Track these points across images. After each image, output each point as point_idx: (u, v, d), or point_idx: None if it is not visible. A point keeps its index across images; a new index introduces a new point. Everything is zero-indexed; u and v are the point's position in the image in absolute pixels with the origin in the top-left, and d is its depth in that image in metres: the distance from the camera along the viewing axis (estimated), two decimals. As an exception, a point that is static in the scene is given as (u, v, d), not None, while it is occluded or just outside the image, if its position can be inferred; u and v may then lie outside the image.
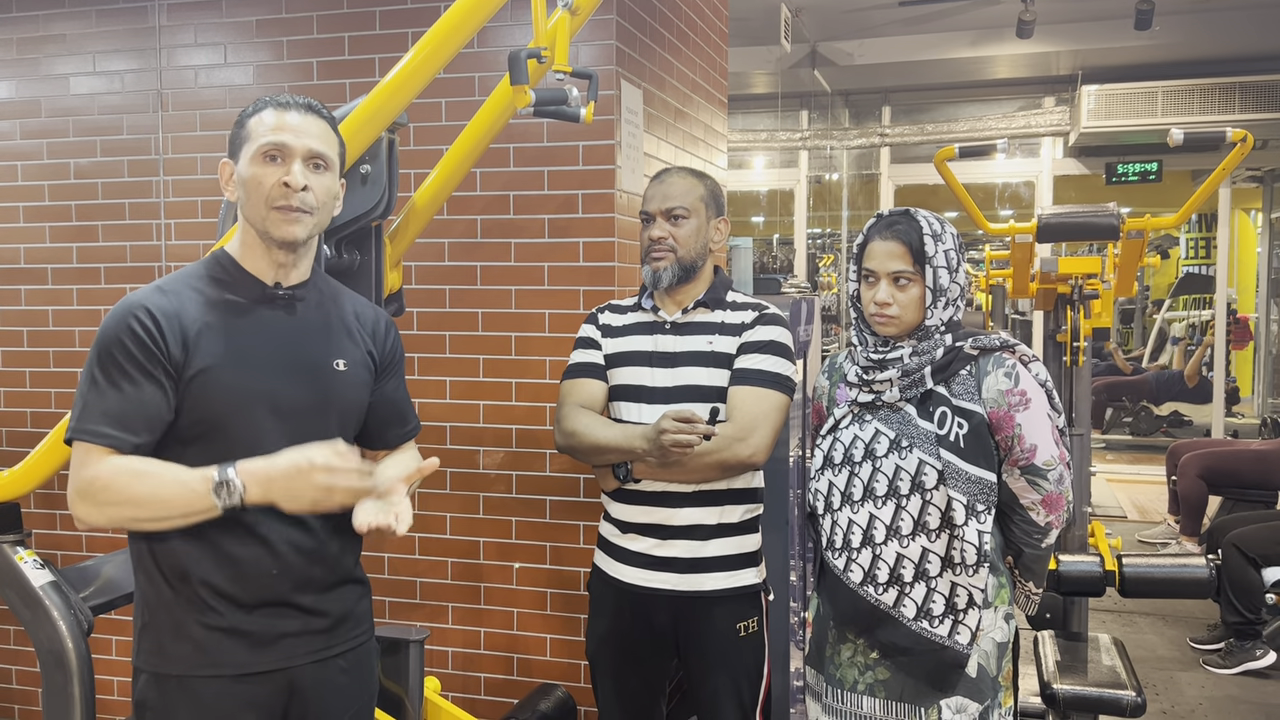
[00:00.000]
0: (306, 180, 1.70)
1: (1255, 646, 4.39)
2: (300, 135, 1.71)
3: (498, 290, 3.07)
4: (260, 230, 1.72)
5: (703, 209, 2.30)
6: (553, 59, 2.09)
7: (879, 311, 1.99)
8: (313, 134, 1.72)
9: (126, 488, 1.60)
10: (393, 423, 1.95)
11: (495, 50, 3.01)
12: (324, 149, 1.73)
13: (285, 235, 1.71)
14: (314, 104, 1.76)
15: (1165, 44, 7.19)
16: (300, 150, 1.70)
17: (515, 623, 3.12)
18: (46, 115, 3.42)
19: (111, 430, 1.62)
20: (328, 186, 1.75)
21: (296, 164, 1.70)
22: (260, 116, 1.72)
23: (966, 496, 1.91)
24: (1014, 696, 2.05)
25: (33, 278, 3.45)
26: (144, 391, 1.64)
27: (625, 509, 2.28)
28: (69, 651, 2.19)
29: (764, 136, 9.00)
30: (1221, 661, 4.40)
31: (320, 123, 1.75)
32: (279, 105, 1.73)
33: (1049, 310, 4.09)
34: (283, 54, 3.20)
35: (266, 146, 1.69)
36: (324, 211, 1.75)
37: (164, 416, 1.66)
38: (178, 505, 1.60)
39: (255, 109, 1.74)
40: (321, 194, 1.73)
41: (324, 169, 1.74)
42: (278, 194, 1.68)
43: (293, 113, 1.72)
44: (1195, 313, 11.13)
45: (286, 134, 1.70)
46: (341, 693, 1.82)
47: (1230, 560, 4.40)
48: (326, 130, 1.75)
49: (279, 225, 1.70)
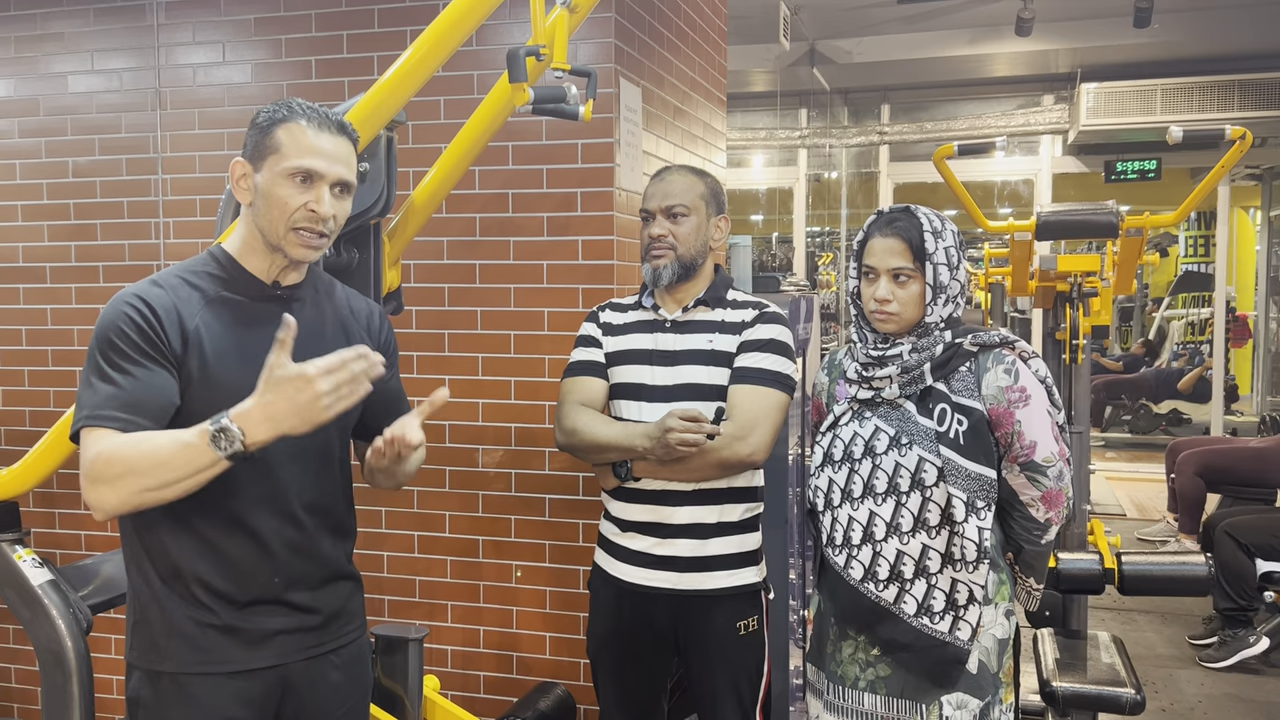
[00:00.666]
0: (333, 209, 1.70)
1: (1249, 633, 4.40)
2: (333, 162, 1.69)
3: (497, 289, 3.07)
4: (273, 244, 1.71)
5: (703, 207, 2.30)
6: (551, 57, 2.09)
7: (879, 308, 1.99)
8: (343, 160, 1.71)
9: (126, 457, 1.54)
10: (391, 413, 1.93)
11: (494, 48, 3.00)
12: (350, 178, 1.73)
13: (301, 257, 1.71)
14: (345, 125, 1.74)
15: (1164, 42, 7.19)
16: (331, 178, 1.69)
17: (514, 621, 3.12)
18: (45, 114, 3.42)
19: (119, 413, 1.58)
20: (346, 210, 1.75)
21: (326, 192, 1.68)
22: (291, 130, 1.68)
23: (966, 493, 1.91)
24: (1015, 693, 2.05)
25: (31, 276, 3.44)
26: (152, 376, 1.62)
27: (625, 507, 2.28)
28: (68, 650, 2.19)
29: (763, 135, 9.00)
30: (1216, 654, 4.41)
31: (348, 146, 1.73)
32: (313, 122, 1.69)
33: (1048, 308, 4.08)
34: (281, 52, 3.20)
35: (297, 169, 1.67)
36: (337, 234, 1.76)
37: (173, 400, 1.63)
38: (180, 464, 1.51)
39: (285, 117, 1.69)
40: (341, 218, 1.73)
41: (346, 195, 1.74)
42: (302, 218, 1.67)
43: (325, 136, 1.69)
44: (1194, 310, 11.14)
45: (320, 161, 1.67)
46: (335, 689, 1.82)
47: (1223, 547, 4.42)
48: (352, 154, 1.74)
49: (296, 248, 1.70)
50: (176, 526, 1.68)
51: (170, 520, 1.67)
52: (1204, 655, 4.46)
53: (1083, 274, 3.91)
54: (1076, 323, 3.89)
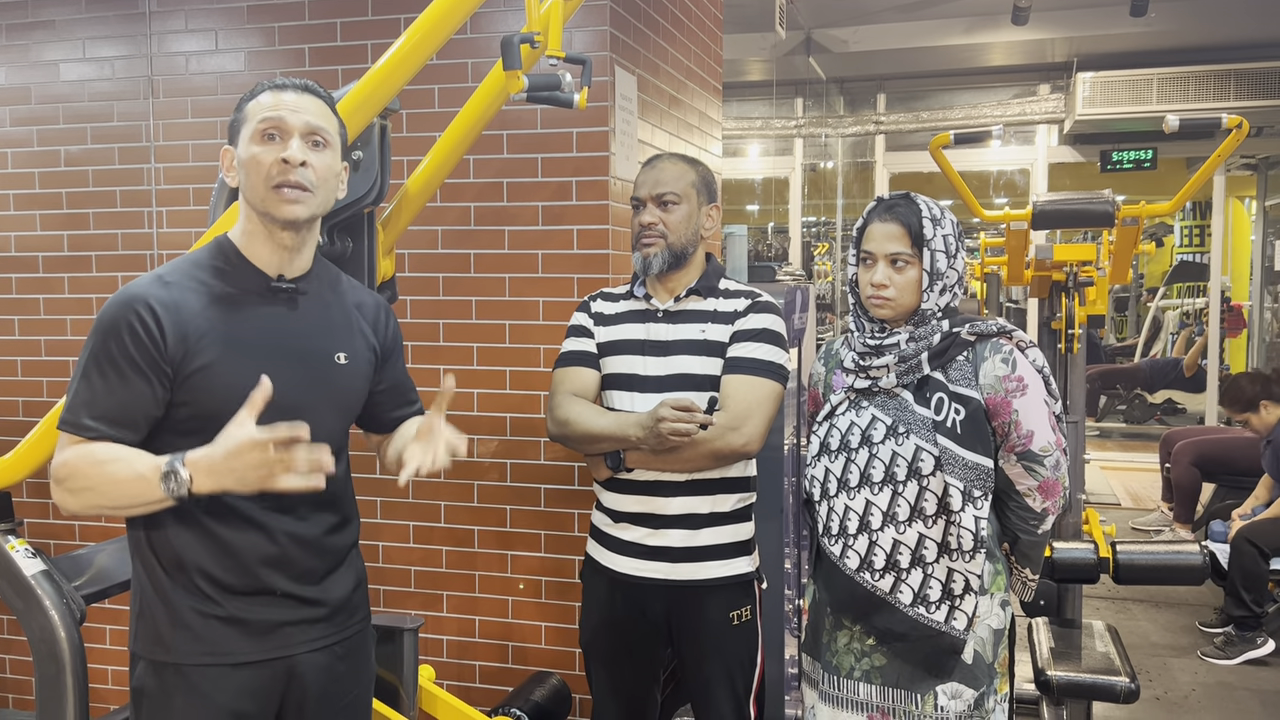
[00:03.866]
0: (305, 156, 1.68)
1: (1256, 635, 4.40)
2: (297, 111, 1.69)
3: (491, 278, 3.06)
4: (261, 212, 1.70)
5: (694, 195, 2.28)
6: (546, 44, 2.07)
7: (875, 293, 1.98)
8: (310, 110, 1.71)
9: (87, 475, 1.61)
10: (400, 404, 1.96)
11: (488, 36, 2.99)
12: (322, 124, 1.72)
13: (286, 215, 1.68)
14: (311, 84, 1.75)
15: (1160, 31, 7.17)
16: (298, 126, 1.68)
17: (510, 611, 3.11)
18: (36, 102, 3.40)
19: (92, 423, 1.63)
20: (328, 164, 1.72)
21: (295, 140, 1.68)
22: (258, 99, 1.72)
23: (963, 482, 1.91)
24: (1009, 683, 2.06)
25: (23, 266, 3.42)
26: (132, 388, 1.64)
27: (617, 498, 2.27)
28: (61, 641, 2.18)
29: (759, 124, 8.97)
30: (1221, 652, 4.41)
31: (318, 101, 1.73)
32: (275, 87, 1.72)
33: (1044, 297, 4.08)
34: (274, 40, 3.18)
35: (263, 124, 1.68)
36: (325, 190, 1.72)
37: (151, 413, 1.66)
38: (132, 494, 1.59)
39: (253, 93, 1.74)
40: (322, 171, 1.71)
41: (323, 146, 1.72)
42: (276, 171, 1.66)
43: (289, 92, 1.71)
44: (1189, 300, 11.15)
45: (283, 110, 1.69)
46: (339, 680, 1.83)
47: (1242, 552, 4.40)
48: (324, 108, 1.74)
49: (279, 205, 1.68)
50: (180, 517, 1.68)
51: (174, 511, 1.66)
52: (1208, 650, 4.46)
53: (1078, 263, 3.91)
54: (1072, 312, 3.89)
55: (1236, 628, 4.43)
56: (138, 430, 1.66)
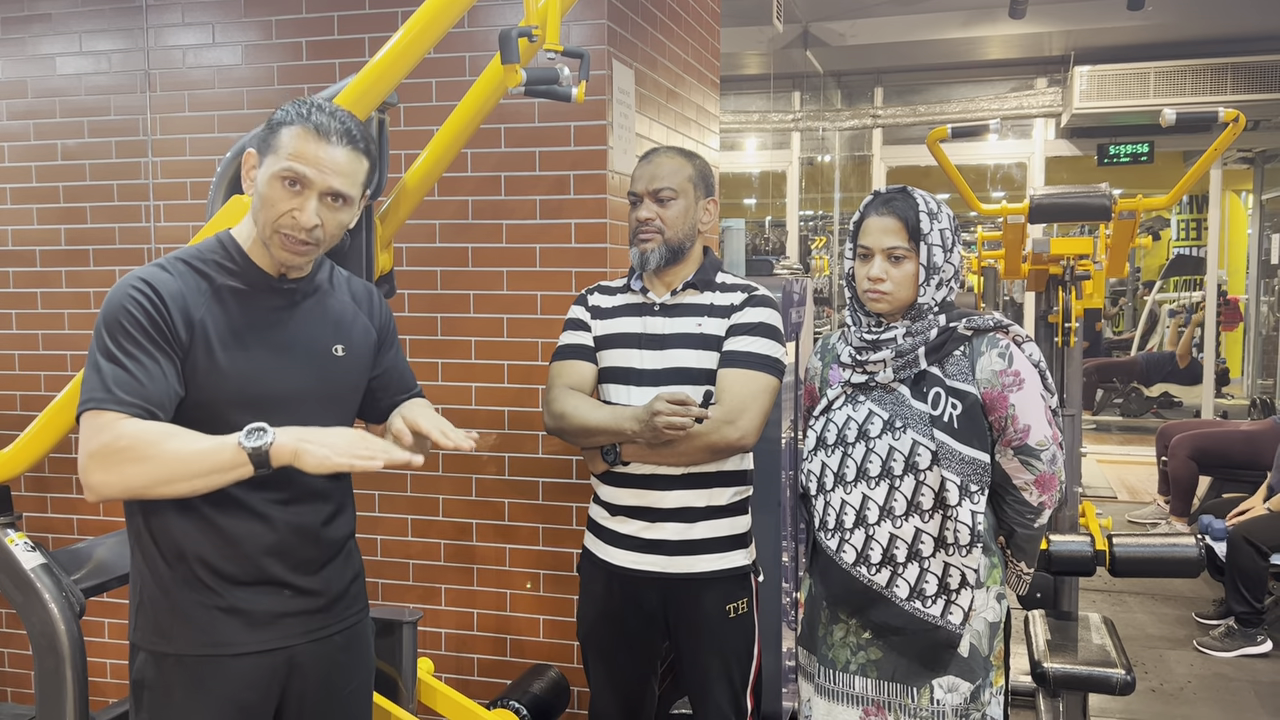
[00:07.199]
0: (320, 219, 1.67)
1: (1256, 633, 4.41)
2: (324, 172, 1.65)
3: (489, 272, 3.06)
4: (264, 240, 1.71)
5: (691, 189, 2.28)
6: (544, 38, 2.07)
7: (872, 287, 1.99)
8: (341, 171, 1.66)
9: (150, 445, 1.56)
10: (398, 390, 1.97)
11: (486, 29, 2.99)
12: (345, 189, 1.68)
13: (284, 261, 1.71)
14: (352, 132, 1.69)
15: (1158, 24, 7.17)
16: (320, 186, 1.66)
17: (508, 604, 3.12)
18: (33, 96, 3.39)
19: (134, 400, 1.59)
20: (341, 222, 1.72)
21: (312, 201, 1.66)
22: (295, 133, 1.65)
23: (960, 477, 1.91)
24: (1005, 676, 2.06)
25: (21, 260, 3.42)
26: (159, 365, 1.62)
27: (614, 491, 2.28)
28: (61, 634, 2.18)
29: (756, 118, 8.97)
30: (1219, 644, 4.42)
31: (352, 156, 1.68)
32: (320, 130, 1.65)
33: (1040, 291, 4.09)
34: (271, 33, 3.17)
35: (287, 172, 1.65)
36: (330, 241, 1.73)
37: (177, 390, 1.64)
38: (199, 462, 1.56)
39: (294, 120, 1.67)
40: (332, 229, 1.71)
41: (341, 206, 1.70)
42: (286, 223, 1.66)
43: (326, 146, 1.65)
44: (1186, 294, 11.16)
45: (311, 169, 1.64)
46: (340, 670, 1.84)
47: (1239, 551, 4.41)
48: (354, 161, 1.69)
49: (279, 250, 1.69)
50: (180, 508, 1.68)
51: (175, 501, 1.66)
52: (1204, 641, 4.47)
53: (1075, 257, 3.91)
54: (1069, 306, 3.89)
55: (1239, 622, 4.44)
56: (166, 412, 1.62)
